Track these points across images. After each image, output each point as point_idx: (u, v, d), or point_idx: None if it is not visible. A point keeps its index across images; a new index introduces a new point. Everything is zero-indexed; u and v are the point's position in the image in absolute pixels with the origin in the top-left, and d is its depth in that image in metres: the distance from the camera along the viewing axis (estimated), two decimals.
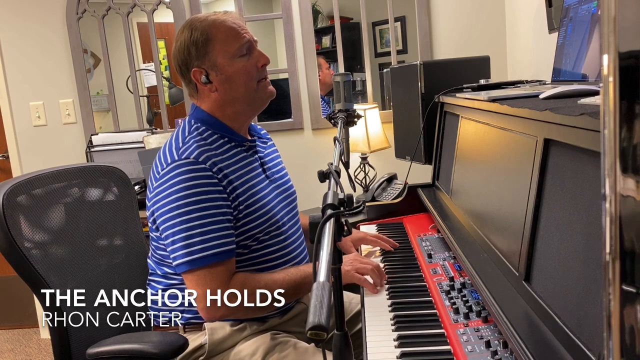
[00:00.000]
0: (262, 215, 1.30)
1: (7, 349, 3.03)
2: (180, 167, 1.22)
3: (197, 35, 1.28)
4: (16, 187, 1.30)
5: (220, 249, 1.20)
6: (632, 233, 0.40)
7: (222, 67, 1.29)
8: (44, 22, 2.82)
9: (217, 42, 1.29)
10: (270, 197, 1.35)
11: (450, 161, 1.62)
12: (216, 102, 1.32)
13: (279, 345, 1.27)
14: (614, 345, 0.41)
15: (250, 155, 1.36)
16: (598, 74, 1.21)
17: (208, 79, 1.30)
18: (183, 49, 1.30)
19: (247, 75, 1.31)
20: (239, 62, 1.30)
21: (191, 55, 1.29)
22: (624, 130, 0.40)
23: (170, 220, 1.22)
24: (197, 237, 1.19)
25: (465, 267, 1.13)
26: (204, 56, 1.29)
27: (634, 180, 0.39)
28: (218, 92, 1.31)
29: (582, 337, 0.72)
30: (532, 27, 2.26)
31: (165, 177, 1.23)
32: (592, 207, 0.75)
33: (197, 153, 1.23)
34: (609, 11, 0.39)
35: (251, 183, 1.31)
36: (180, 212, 1.20)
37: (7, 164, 3.02)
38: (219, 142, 1.30)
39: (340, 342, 0.72)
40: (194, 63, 1.29)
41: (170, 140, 1.31)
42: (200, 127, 1.31)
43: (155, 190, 1.25)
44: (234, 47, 1.29)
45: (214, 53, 1.29)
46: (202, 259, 1.19)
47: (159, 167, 1.26)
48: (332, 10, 2.82)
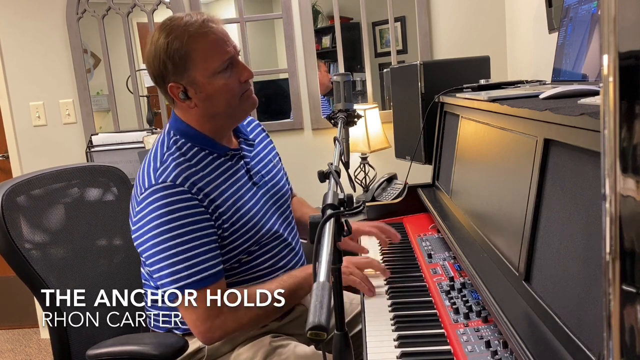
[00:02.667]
0: (252, 227, 1.27)
1: (7, 349, 3.03)
2: (158, 192, 1.16)
3: (175, 48, 1.17)
4: (16, 188, 1.30)
5: (206, 272, 1.17)
6: (632, 233, 0.40)
7: (202, 86, 1.20)
8: (44, 22, 2.82)
9: (197, 59, 1.18)
10: (258, 206, 1.31)
11: (450, 161, 1.62)
12: (195, 116, 1.25)
13: (278, 349, 1.26)
14: (614, 345, 0.41)
15: (235, 163, 1.31)
16: (598, 74, 1.21)
17: (186, 96, 1.21)
18: (158, 61, 1.19)
19: (229, 92, 1.22)
20: (219, 79, 1.20)
21: (167, 70, 1.19)
22: (624, 130, 0.40)
23: (153, 248, 1.17)
24: (183, 262, 1.15)
25: (465, 267, 1.13)
26: (182, 73, 1.19)
27: (634, 180, 0.39)
28: (197, 108, 1.23)
29: (582, 337, 0.72)
30: (532, 27, 2.26)
31: (144, 203, 1.18)
32: (592, 207, 0.75)
33: (175, 175, 1.17)
34: (609, 11, 0.39)
35: (235, 197, 1.26)
36: (162, 240, 1.15)
37: (7, 164, 3.02)
38: (199, 155, 1.24)
39: (340, 343, 0.72)
40: (170, 78, 1.20)
41: (149, 156, 1.25)
42: (179, 140, 1.24)
43: (136, 215, 1.20)
44: (215, 64, 1.19)
45: (193, 71, 1.18)
46: (189, 285, 1.15)
47: (139, 190, 1.20)
48: (332, 10, 2.82)
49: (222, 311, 1.17)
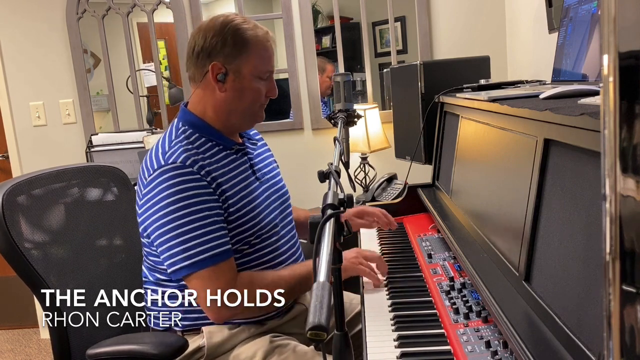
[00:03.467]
0: (253, 218, 1.29)
1: (7, 349, 3.03)
2: (167, 172, 1.19)
3: (239, 39, 1.26)
4: (16, 187, 1.30)
5: (219, 249, 1.19)
6: (632, 233, 0.40)
7: (242, 78, 1.28)
8: (44, 22, 2.82)
9: (252, 56, 1.28)
10: (261, 199, 1.34)
11: (450, 161, 1.62)
12: (216, 103, 1.30)
13: (278, 348, 1.26)
14: (614, 345, 0.41)
15: (239, 157, 1.34)
16: (598, 74, 1.21)
17: (224, 79, 1.28)
18: (218, 37, 1.26)
19: (257, 96, 1.31)
20: (258, 82, 1.30)
21: (221, 49, 1.26)
22: (624, 130, 0.40)
23: (163, 227, 1.19)
24: (194, 240, 1.18)
25: (465, 267, 1.13)
26: (234, 58, 1.27)
27: (634, 180, 0.39)
28: (225, 95, 1.29)
29: (582, 337, 0.72)
30: (532, 27, 2.26)
31: (153, 184, 1.20)
32: (592, 207, 0.75)
33: (184, 157, 1.21)
34: (609, 11, 0.39)
35: (241, 186, 1.29)
36: (172, 218, 1.18)
37: (7, 164, 3.02)
38: (207, 145, 1.28)
39: (340, 343, 0.72)
40: (219, 57, 1.26)
41: (156, 144, 1.28)
42: (188, 130, 1.29)
43: (143, 198, 1.23)
44: (263, 69, 1.30)
45: (244, 62, 1.27)
46: (203, 261, 1.18)
47: (146, 173, 1.23)
48: (332, 10, 2.82)
49: (237, 287, 1.20)
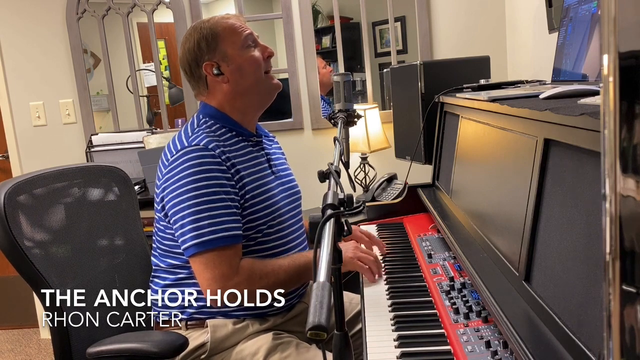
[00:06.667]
0: (267, 207, 1.32)
1: (7, 349, 3.03)
2: (190, 153, 1.24)
3: (205, 33, 1.34)
4: (17, 187, 1.30)
5: (229, 232, 1.22)
6: (632, 233, 0.40)
7: (232, 57, 1.34)
8: (44, 22, 2.82)
9: (225, 36, 1.34)
10: (276, 191, 1.37)
11: (450, 161, 1.62)
12: (227, 94, 1.35)
13: (280, 345, 1.27)
14: (614, 345, 0.41)
15: (257, 150, 1.39)
16: (598, 74, 1.21)
17: (220, 71, 1.34)
18: (193, 47, 1.34)
19: (256, 64, 1.36)
20: (247, 51, 1.35)
21: (202, 51, 1.34)
22: (624, 130, 0.40)
23: (180, 205, 1.23)
24: (207, 220, 1.21)
25: (465, 267, 1.13)
26: (214, 49, 1.34)
27: (634, 180, 0.39)
28: (229, 83, 1.35)
29: (582, 337, 0.72)
30: (532, 27, 2.26)
31: (175, 163, 1.25)
32: (592, 207, 0.75)
33: (207, 141, 1.27)
34: (609, 11, 0.39)
35: (258, 175, 1.34)
36: (189, 196, 1.22)
37: (7, 164, 3.02)
38: (227, 135, 1.34)
39: (340, 342, 0.72)
40: (204, 58, 1.34)
41: (179, 133, 1.34)
42: (209, 121, 1.35)
43: (164, 176, 1.28)
44: (240, 39, 1.35)
45: (223, 45, 1.34)
46: (211, 242, 1.21)
47: (168, 155, 1.29)
48: (332, 10, 2.82)
49: (238, 273, 1.21)
